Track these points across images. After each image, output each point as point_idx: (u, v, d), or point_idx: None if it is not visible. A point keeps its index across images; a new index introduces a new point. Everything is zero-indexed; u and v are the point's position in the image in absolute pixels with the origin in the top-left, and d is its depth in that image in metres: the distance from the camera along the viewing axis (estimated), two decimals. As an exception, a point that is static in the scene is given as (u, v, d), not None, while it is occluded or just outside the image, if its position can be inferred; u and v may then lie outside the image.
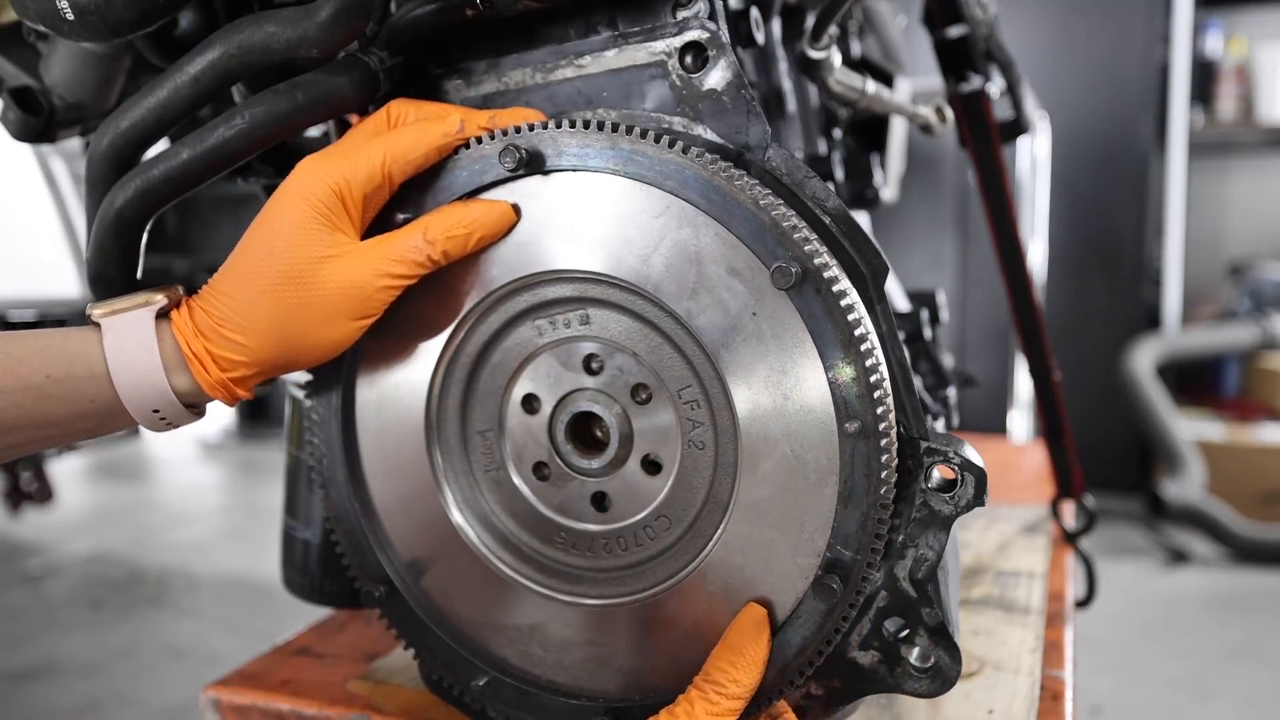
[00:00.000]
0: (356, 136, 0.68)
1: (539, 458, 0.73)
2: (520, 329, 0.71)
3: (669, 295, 0.64)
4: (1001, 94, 1.17)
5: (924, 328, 1.04)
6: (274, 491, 4.36)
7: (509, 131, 0.66)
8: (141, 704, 2.62)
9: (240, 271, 0.64)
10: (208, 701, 0.93)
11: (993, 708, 0.84)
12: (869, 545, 0.63)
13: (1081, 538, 1.26)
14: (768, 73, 0.98)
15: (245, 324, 0.63)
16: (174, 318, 0.64)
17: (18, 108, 0.84)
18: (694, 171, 0.61)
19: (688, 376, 0.67)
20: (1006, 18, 1.29)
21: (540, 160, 0.65)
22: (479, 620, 0.77)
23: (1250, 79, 4.14)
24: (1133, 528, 3.72)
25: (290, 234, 0.63)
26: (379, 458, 0.76)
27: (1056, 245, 3.84)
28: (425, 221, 0.66)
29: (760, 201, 0.61)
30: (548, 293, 0.68)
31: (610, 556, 0.73)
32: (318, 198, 0.64)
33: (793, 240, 0.60)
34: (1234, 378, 4.17)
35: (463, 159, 0.67)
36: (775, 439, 0.63)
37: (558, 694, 0.75)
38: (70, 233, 2.34)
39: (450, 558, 0.76)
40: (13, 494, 3.61)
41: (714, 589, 0.68)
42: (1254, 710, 2.48)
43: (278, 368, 0.66)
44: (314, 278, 0.63)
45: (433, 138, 0.66)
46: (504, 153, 0.65)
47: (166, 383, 0.63)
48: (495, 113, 0.68)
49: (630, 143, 0.63)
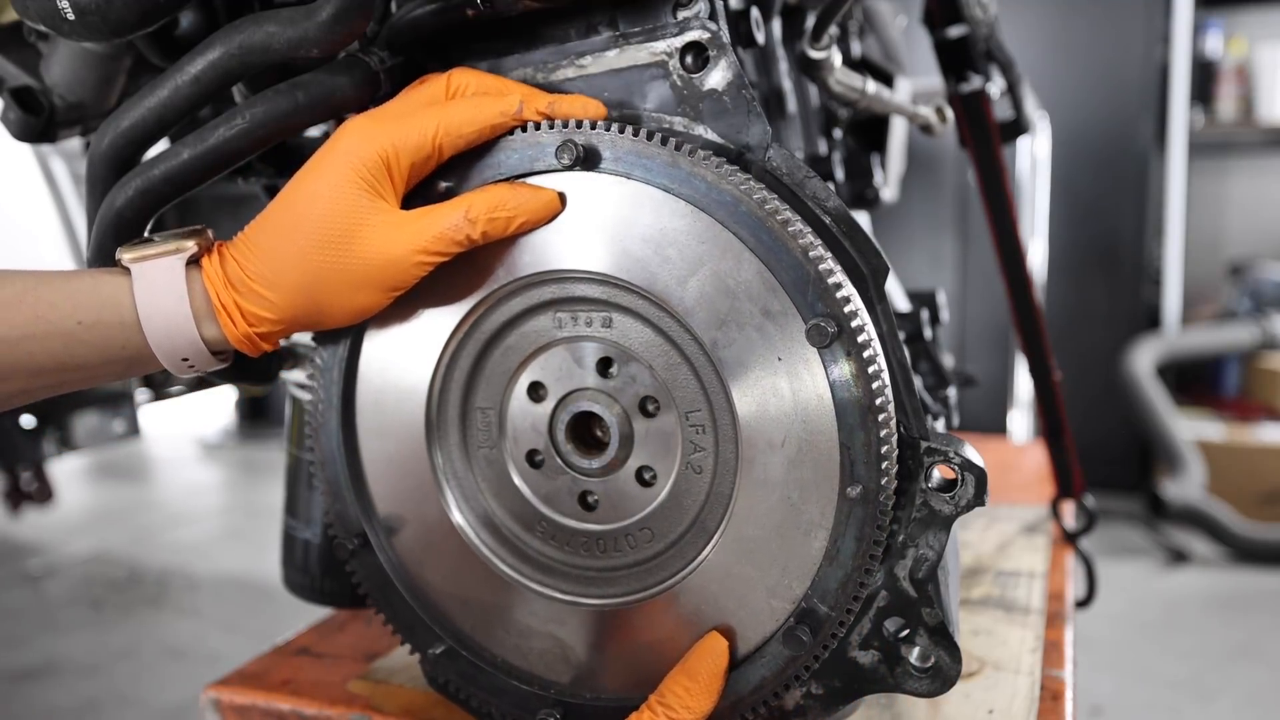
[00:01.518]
0: (412, 101, 0.67)
1: (535, 445, 0.73)
2: (540, 318, 0.71)
3: (698, 321, 0.64)
4: (1001, 94, 1.17)
5: (924, 328, 1.04)
6: (274, 491, 4.36)
7: (569, 124, 0.65)
8: (141, 704, 2.62)
9: (277, 227, 0.63)
10: (208, 701, 0.93)
11: (993, 708, 0.84)
12: (845, 605, 0.64)
13: (1081, 538, 1.26)
14: (768, 73, 0.98)
15: (276, 280, 0.63)
16: (205, 266, 0.63)
17: (18, 107, 0.84)
18: (749, 208, 0.61)
19: (699, 400, 0.67)
20: (1006, 18, 1.29)
21: (595, 159, 0.64)
22: (446, 590, 0.77)
23: (1250, 79, 4.14)
24: (1133, 528, 3.72)
25: (332, 196, 0.62)
26: (375, 414, 0.76)
27: (1056, 245, 3.84)
28: (469, 200, 0.65)
29: (810, 253, 0.61)
30: (575, 289, 0.68)
31: (588, 556, 0.73)
32: (364, 162, 0.63)
33: (834, 299, 0.60)
34: (1234, 378, 4.17)
35: (516, 141, 0.66)
36: (775, 482, 0.64)
37: (511, 676, 0.76)
38: (70, 233, 2.34)
39: (428, 523, 0.76)
40: (13, 494, 3.61)
41: (684, 611, 0.69)
42: (1254, 710, 2.48)
43: (303, 326, 0.66)
44: (351, 244, 0.62)
45: (489, 115, 0.65)
46: (561, 148, 0.64)
47: (196, 332, 0.62)
48: (556, 98, 0.67)
49: (691, 164, 0.62)
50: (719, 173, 0.62)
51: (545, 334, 0.71)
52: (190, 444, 5.78)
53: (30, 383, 0.61)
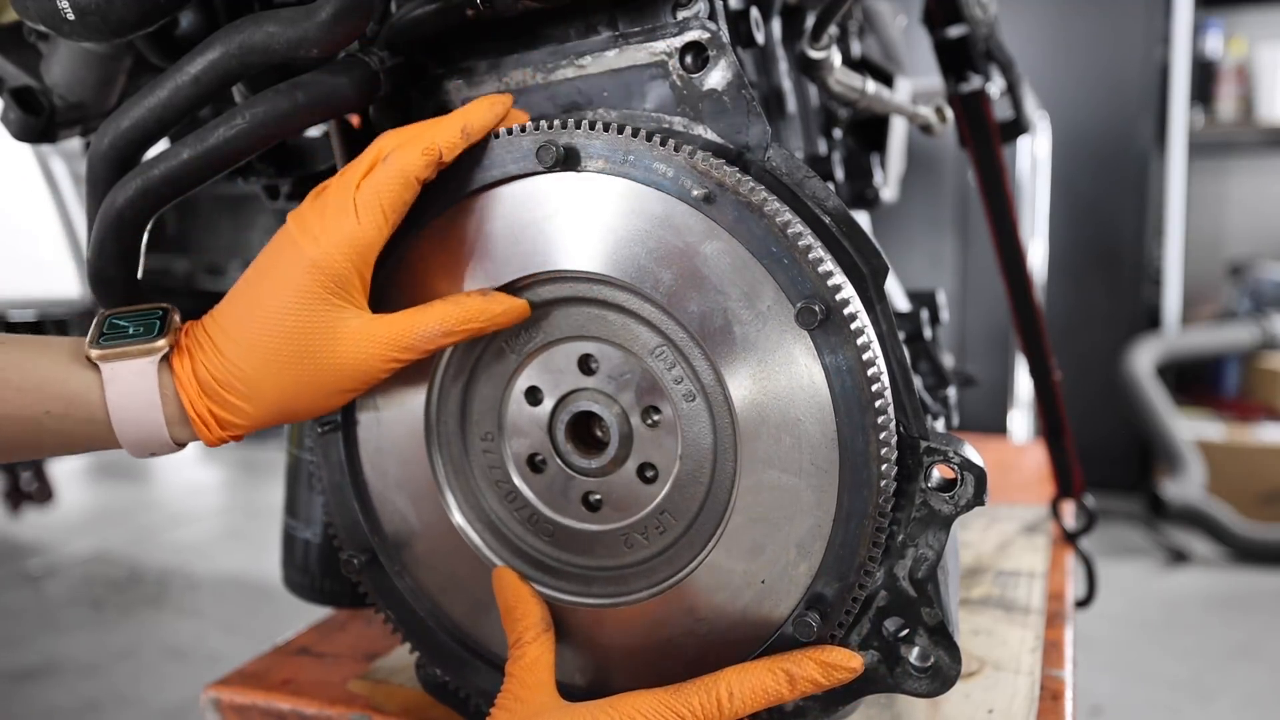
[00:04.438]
0: (348, 186, 0.64)
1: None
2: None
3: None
4: (1001, 94, 1.18)
5: (924, 328, 1.04)
6: (274, 491, 4.36)
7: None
8: (141, 704, 2.62)
9: (248, 337, 0.62)
10: (208, 701, 0.93)
11: (993, 707, 0.84)
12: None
13: (1081, 537, 1.26)
14: (768, 73, 0.98)
15: (249, 392, 0.63)
16: (176, 369, 0.63)
17: (18, 108, 0.84)
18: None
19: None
20: (1006, 18, 1.29)
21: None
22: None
23: (1250, 79, 4.14)
24: (1133, 528, 3.72)
25: (301, 312, 0.62)
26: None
27: (1056, 245, 3.83)
28: (443, 311, 0.65)
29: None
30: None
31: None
32: (334, 277, 0.62)
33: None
34: (1234, 378, 4.17)
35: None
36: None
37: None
38: (70, 233, 2.34)
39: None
40: (13, 494, 3.61)
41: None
42: (1254, 710, 2.48)
43: (273, 424, 0.66)
44: (321, 355, 0.63)
45: (415, 165, 0.64)
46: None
47: (169, 436, 0.63)
48: (465, 116, 0.66)
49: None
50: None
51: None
52: (190, 444, 5.77)
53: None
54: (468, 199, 0.68)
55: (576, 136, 0.64)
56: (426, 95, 0.75)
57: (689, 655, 0.71)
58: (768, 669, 0.65)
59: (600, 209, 0.64)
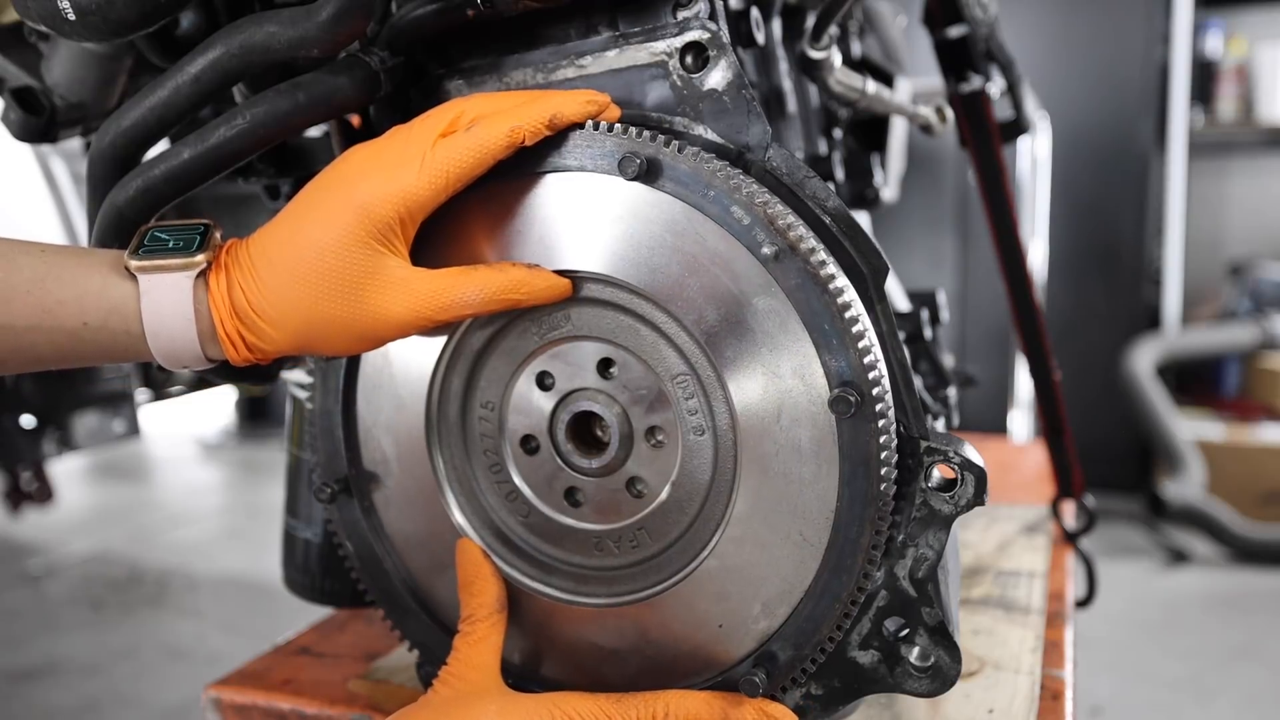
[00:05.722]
0: (421, 137, 0.64)
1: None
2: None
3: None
4: (1001, 94, 1.17)
5: (924, 328, 1.04)
6: (274, 491, 4.36)
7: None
8: (141, 704, 2.62)
9: (285, 268, 0.62)
10: (209, 701, 0.93)
11: (993, 707, 0.84)
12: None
13: (1082, 537, 1.26)
14: (768, 73, 0.98)
15: (281, 321, 0.62)
16: (212, 288, 0.62)
17: (19, 108, 0.84)
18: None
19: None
20: (1006, 18, 1.29)
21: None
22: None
23: (1250, 79, 4.14)
24: (1133, 528, 3.72)
25: (342, 253, 0.61)
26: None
27: (1056, 245, 3.84)
28: (486, 278, 0.64)
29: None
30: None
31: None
32: (378, 221, 0.62)
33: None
34: (1234, 378, 4.17)
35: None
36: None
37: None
38: (70, 233, 2.34)
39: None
40: (13, 494, 3.61)
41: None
42: (1254, 710, 2.48)
43: (300, 354, 0.67)
44: (359, 299, 0.62)
45: (496, 143, 0.63)
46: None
47: (201, 351, 0.63)
48: (556, 109, 0.65)
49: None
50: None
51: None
52: (190, 444, 5.78)
53: (27, 367, 0.62)
54: (533, 177, 0.67)
55: (663, 153, 0.63)
56: (427, 95, 0.75)
57: (630, 670, 0.71)
58: (706, 702, 0.68)
59: (665, 229, 0.63)
